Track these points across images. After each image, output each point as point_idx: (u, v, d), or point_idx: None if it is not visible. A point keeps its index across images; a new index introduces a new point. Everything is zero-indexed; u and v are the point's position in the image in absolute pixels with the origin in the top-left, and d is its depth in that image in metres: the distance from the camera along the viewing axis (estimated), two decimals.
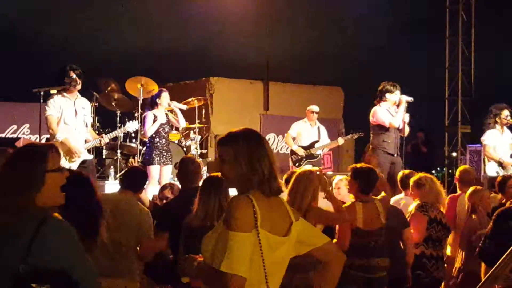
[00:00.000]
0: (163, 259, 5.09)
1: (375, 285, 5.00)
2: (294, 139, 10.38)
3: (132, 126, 8.26)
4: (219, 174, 5.38)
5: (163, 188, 6.66)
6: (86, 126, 7.66)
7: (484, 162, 9.51)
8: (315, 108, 10.40)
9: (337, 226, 5.13)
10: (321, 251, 2.90)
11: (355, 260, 4.94)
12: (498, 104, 9.40)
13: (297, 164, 10.14)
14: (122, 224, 4.71)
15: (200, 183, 4.97)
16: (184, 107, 9.10)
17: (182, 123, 8.99)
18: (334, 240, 5.08)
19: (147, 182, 8.76)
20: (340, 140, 10.17)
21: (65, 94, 7.42)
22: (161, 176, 8.68)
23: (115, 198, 4.97)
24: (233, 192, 2.92)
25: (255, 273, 2.61)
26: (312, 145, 10.22)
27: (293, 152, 10.29)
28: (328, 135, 10.59)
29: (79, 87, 7.49)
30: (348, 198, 6.13)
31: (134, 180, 5.12)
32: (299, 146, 10.24)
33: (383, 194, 5.51)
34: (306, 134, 10.33)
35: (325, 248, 2.91)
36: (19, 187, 2.63)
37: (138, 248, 4.87)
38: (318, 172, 5.20)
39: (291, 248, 2.78)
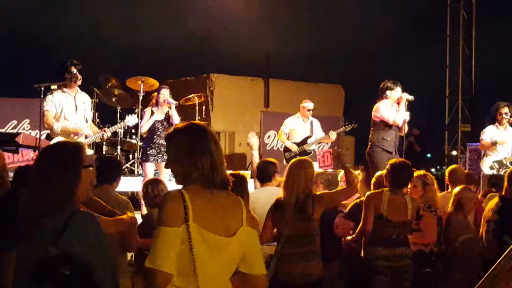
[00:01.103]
0: None
1: (401, 273, 5.04)
2: (287, 135, 10.26)
3: (131, 120, 8.22)
4: (239, 172, 5.43)
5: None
6: (87, 121, 7.63)
7: (481, 159, 9.49)
8: (309, 105, 10.15)
9: (362, 214, 5.15)
10: (249, 280, 2.71)
11: (380, 250, 5.01)
12: (500, 102, 9.39)
13: (293, 159, 10.00)
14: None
15: None
16: (174, 102, 9.02)
17: (175, 119, 8.90)
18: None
19: (142, 178, 8.79)
20: (332, 134, 9.89)
21: (65, 89, 7.39)
22: (160, 173, 8.66)
23: (94, 195, 4.84)
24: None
25: (185, 269, 2.53)
26: (305, 141, 10.06)
27: (286, 149, 10.15)
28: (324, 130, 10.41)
29: (79, 82, 7.47)
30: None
31: (107, 172, 4.91)
32: (292, 142, 10.13)
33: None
34: (299, 129, 10.15)
35: (255, 281, 2.72)
36: (62, 184, 2.71)
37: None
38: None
39: (238, 253, 2.66)
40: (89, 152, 7.55)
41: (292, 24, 16.49)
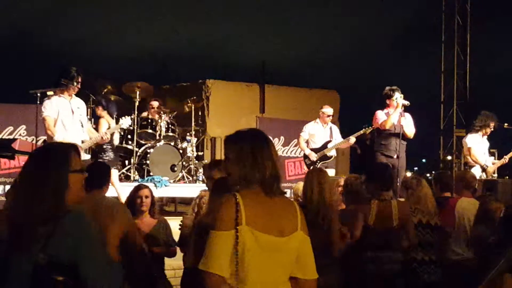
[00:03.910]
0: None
1: (388, 277, 5.02)
2: (307, 141, 10.23)
3: (125, 122, 8.24)
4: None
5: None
6: (82, 126, 7.61)
7: (467, 165, 9.48)
8: (329, 111, 10.16)
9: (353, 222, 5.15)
10: (302, 284, 2.75)
11: (366, 254, 5.03)
12: (490, 114, 9.40)
13: (311, 168, 10.00)
14: (104, 226, 4.39)
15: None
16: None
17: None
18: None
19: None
20: (352, 139, 9.82)
21: (61, 94, 7.37)
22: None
23: (91, 201, 4.58)
24: None
25: (239, 270, 2.59)
26: (325, 146, 10.01)
27: (306, 156, 10.16)
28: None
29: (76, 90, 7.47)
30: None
31: (98, 176, 4.80)
32: (311, 148, 10.09)
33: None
34: (319, 135, 10.13)
35: (308, 285, 2.77)
36: (50, 190, 2.65)
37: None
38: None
39: (293, 256, 2.72)
40: (86, 156, 7.51)
41: (288, 29, 16.55)
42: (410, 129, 9.01)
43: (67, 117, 7.33)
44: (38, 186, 2.65)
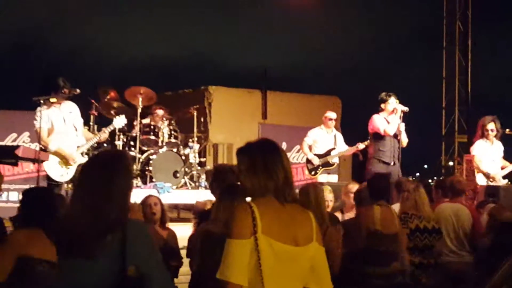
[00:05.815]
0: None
1: None
2: (310, 147, 10.26)
3: (119, 121, 8.22)
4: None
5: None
6: (76, 130, 7.61)
7: (474, 172, 9.42)
8: (332, 115, 10.21)
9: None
10: None
11: (374, 269, 4.90)
12: (487, 116, 9.35)
13: (313, 173, 10.00)
14: None
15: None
16: None
17: None
18: None
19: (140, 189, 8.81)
20: (360, 145, 9.75)
21: (51, 105, 7.39)
22: None
23: None
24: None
25: (255, 279, 2.58)
26: (328, 153, 10.06)
27: (308, 161, 10.19)
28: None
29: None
30: None
31: None
32: (315, 154, 10.12)
33: None
34: (322, 141, 10.16)
35: None
36: (122, 198, 2.69)
37: None
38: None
39: (307, 267, 2.72)
40: (83, 160, 7.51)
41: (289, 36, 16.62)
42: (404, 138, 8.99)
43: (60, 126, 7.40)
44: (107, 192, 2.64)
